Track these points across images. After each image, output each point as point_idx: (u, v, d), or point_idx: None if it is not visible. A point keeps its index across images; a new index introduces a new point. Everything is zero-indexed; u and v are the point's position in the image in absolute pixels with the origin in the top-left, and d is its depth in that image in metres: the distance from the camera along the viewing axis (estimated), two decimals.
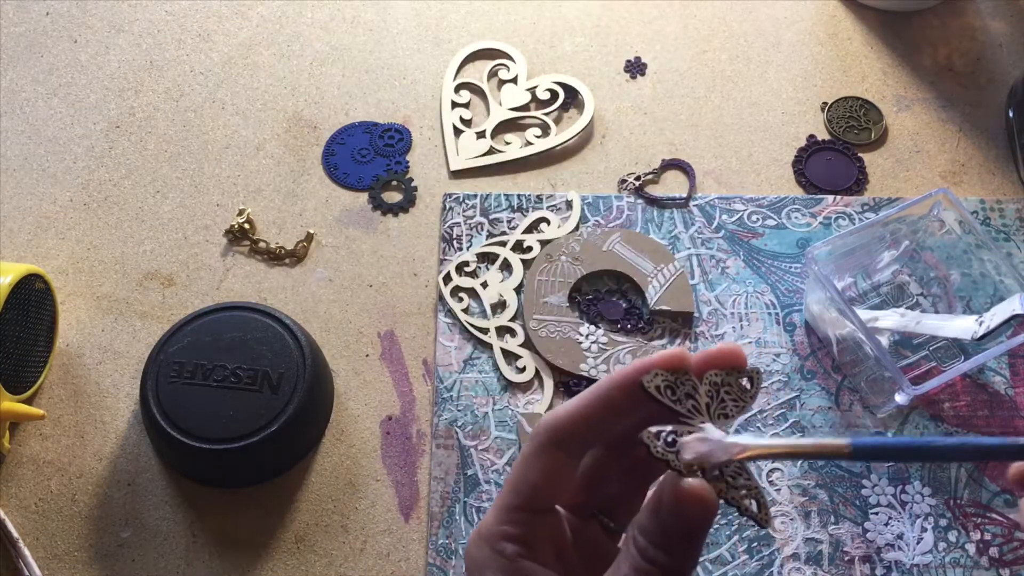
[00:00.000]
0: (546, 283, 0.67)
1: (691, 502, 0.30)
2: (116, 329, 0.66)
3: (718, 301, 0.66)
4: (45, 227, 0.70)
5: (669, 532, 0.31)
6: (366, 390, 0.64)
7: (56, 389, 0.64)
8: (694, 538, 0.31)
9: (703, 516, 0.31)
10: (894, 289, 0.66)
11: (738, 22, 0.81)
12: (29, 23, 0.81)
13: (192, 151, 0.74)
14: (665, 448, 0.31)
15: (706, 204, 0.71)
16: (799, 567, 0.57)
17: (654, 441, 0.31)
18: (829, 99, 0.76)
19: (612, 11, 0.82)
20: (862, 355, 0.60)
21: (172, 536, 0.59)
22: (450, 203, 0.71)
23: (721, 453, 0.32)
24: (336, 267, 0.69)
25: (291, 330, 0.61)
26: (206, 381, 0.59)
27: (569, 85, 0.77)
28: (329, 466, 0.61)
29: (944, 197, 0.61)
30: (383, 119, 0.76)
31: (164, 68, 0.79)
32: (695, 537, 0.31)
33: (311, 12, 0.82)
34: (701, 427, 0.32)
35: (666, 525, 0.31)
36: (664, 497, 0.31)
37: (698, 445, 0.32)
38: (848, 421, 0.62)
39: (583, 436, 0.34)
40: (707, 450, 0.32)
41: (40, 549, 0.58)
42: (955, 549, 0.58)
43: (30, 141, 0.74)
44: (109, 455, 0.62)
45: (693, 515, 0.31)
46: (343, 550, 0.59)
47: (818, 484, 0.60)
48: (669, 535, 0.31)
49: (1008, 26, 0.81)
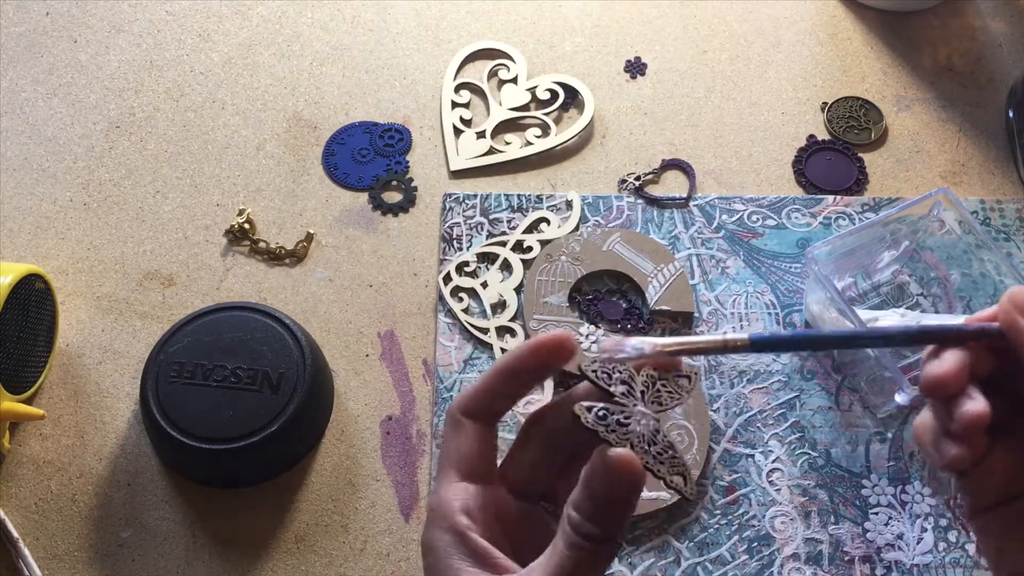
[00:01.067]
0: (546, 283, 0.67)
1: (618, 468, 0.32)
2: (116, 329, 0.66)
3: (718, 301, 0.66)
4: (45, 227, 0.70)
5: (599, 502, 0.33)
6: (366, 390, 0.64)
7: (56, 389, 0.64)
8: (623, 506, 0.33)
9: (630, 482, 0.33)
10: (894, 289, 0.66)
11: (738, 22, 0.81)
12: (29, 23, 0.81)
13: (192, 151, 0.74)
14: (596, 420, 0.34)
15: (706, 204, 0.71)
16: (799, 567, 0.57)
17: (585, 414, 0.34)
18: (829, 99, 0.76)
19: (612, 11, 0.82)
20: (862, 355, 0.60)
21: (172, 536, 0.59)
22: (450, 203, 0.71)
23: (631, 351, 0.36)
24: (336, 267, 0.69)
25: (291, 330, 0.61)
26: (206, 381, 0.59)
27: (569, 85, 0.77)
28: (329, 466, 0.61)
29: (944, 197, 0.61)
30: (383, 119, 0.76)
31: (164, 68, 0.79)
32: (624, 505, 0.33)
33: (311, 12, 0.82)
34: (634, 409, 0.35)
35: (596, 495, 0.33)
36: (594, 468, 0.33)
37: (610, 343, 0.36)
38: (848, 421, 0.62)
39: (488, 405, 0.38)
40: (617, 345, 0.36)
41: (40, 549, 0.58)
42: (955, 549, 0.58)
43: (30, 141, 0.74)
44: (109, 455, 0.62)
45: (621, 482, 0.33)
46: (343, 550, 0.59)
47: (818, 484, 0.60)
48: (599, 505, 0.33)
49: (1008, 26, 0.81)
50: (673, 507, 0.58)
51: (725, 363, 0.64)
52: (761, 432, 0.61)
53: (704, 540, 0.58)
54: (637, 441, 0.34)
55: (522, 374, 0.38)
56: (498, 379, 0.38)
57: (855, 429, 0.61)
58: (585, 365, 0.36)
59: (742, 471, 0.60)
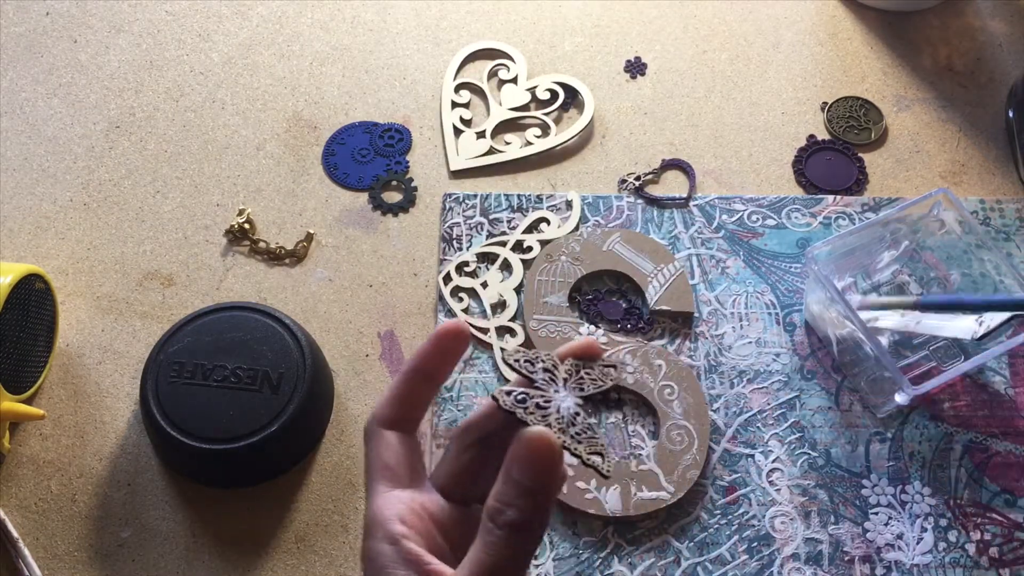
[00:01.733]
0: (546, 283, 0.67)
1: (534, 444, 0.32)
2: (116, 329, 0.66)
3: (718, 301, 0.66)
4: (45, 227, 0.70)
5: (517, 484, 0.33)
6: (366, 390, 0.64)
7: (56, 389, 0.64)
8: (542, 487, 0.33)
9: (548, 458, 0.33)
10: (894, 289, 0.66)
11: (738, 22, 0.81)
12: (29, 23, 0.81)
13: (192, 151, 0.74)
14: (514, 403, 0.34)
15: (706, 204, 0.71)
16: (799, 567, 0.57)
17: (504, 397, 0.34)
18: (829, 99, 0.76)
19: (612, 11, 0.82)
20: (862, 355, 0.60)
21: (172, 536, 0.59)
22: (450, 203, 0.71)
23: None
24: (336, 267, 0.69)
25: (291, 330, 0.61)
26: (206, 381, 0.59)
27: (569, 85, 0.77)
28: (329, 466, 0.61)
29: (944, 197, 0.61)
30: (383, 119, 0.76)
31: (164, 68, 0.79)
32: (543, 485, 0.33)
33: (311, 12, 0.82)
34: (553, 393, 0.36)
35: (515, 476, 0.33)
36: (513, 451, 0.33)
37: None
38: (848, 421, 0.62)
39: (404, 411, 0.38)
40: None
41: (40, 549, 0.58)
42: (955, 549, 0.58)
43: (30, 141, 0.74)
44: (109, 455, 0.62)
45: (538, 459, 0.32)
46: (343, 550, 0.59)
47: (818, 484, 0.60)
48: (517, 487, 0.33)
49: (1008, 26, 0.81)
50: (673, 507, 0.58)
51: (725, 363, 0.64)
52: (761, 432, 0.61)
53: (704, 540, 0.58)
54: (555, 422, 0.34)
55: (429, 369, 0.38)
56: (408, 382, 0.38)
57: (855, 429, 0.61)
58: (508, 354, 0.37)
59: (742, 471, 0.60)
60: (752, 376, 0.63)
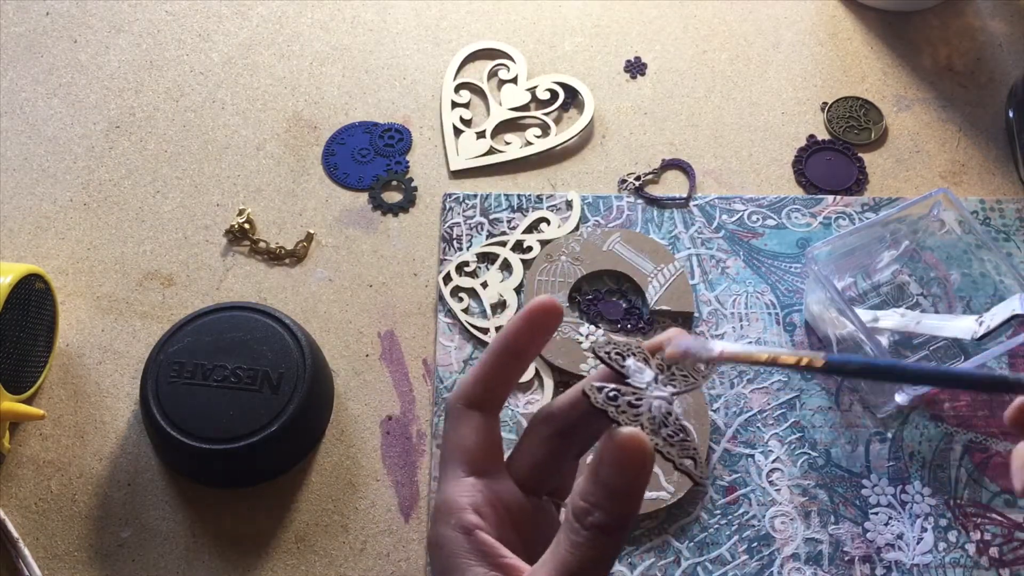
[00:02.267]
0: (546, 283, 0.67)
1: (627, 447, 0.31)
2: (116, 329, 0.66)
3: (718, 301, 0.66)
4: (45, 227, 0.70)
5: (607, 486, 0.31)
6: (366, 390, 0.64)
7: (56, 389, 0.64)
8: (631, 490, 0.31)
9: (639, 462, 0.31)
10: (894, 289, 0.66)
11: (738, 22, 0.81)
12: (29, 23, 0.81)
13: (192, 151, 0.74)
14: (606, 400, 0.32)
15: (706, 204, 0.71)
16: (799, 567, 0.57)
17: (595, 393, 0.32)
18: (829, 99, 0.76)
19: (612, 11, 0.82)
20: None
21: (172, 536, 0.59)
22: (450, 203, 0.71)
23: (702, 352, 0.33)
24: (336, 267, 0.69)
25: (291, 330, 0.61)
26: (206, 381, 0.59)
27: (569, 85, 0.77)
28: (329, 466, 0.61)
29: (944, 197, 0.61)
30: (383, 119, 0.76)
31: (164, 68, 0.79)
32: (632, 488, 0.31)
33: (311, 12, 0.82)
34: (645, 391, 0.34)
35: (603, 479, 0.31)
36: (602, 451, 0.31)
37: (682, 339, 0.34)
38: (848, 421, 0.62)
39: (490, 391, 0.37)
40: (689, 345, 0.34)
41: (40, 549, 0.58)
42: (955, 549, 0.58)
43: (30, 141, 0.74)
44: (109, 455, 0.62)
45: (629, 462, 0.31)
46: (343, 550, 0.59)
47: (818, 484, 0.60)
48: (607, 489, 0.31)
49: (1008, 26, 0.81)
50: (673, 507, 0.58)
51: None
52: (761, 432, 0.61)
53: (704, 540, 0.58)
54: (647, 423, 0.33)
55: (519, 347, 0.37)
56: (497, 360, 0.37)
57: (855, 429, 0.61)
58: (598, 346, 0.35)
59: (742, 471, 0.60)
60: (752, 376, 0.63)
